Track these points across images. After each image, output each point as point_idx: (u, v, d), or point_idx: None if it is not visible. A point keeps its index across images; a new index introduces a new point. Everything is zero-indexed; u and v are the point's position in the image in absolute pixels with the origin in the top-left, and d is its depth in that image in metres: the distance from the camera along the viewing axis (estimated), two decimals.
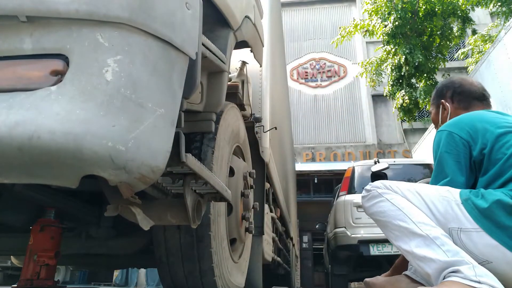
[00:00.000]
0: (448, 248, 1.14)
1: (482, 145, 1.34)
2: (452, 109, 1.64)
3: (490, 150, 1.32)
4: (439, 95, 1.72)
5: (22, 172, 0.67)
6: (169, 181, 1.06)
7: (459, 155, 1.36)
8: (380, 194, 1.34)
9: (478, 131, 1.37)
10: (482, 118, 1.43)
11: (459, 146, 1.37)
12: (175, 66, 0.82)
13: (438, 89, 1.75)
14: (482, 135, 1.35)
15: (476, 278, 1.05)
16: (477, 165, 1.35)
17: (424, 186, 1.35)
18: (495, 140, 1.32)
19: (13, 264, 3.02)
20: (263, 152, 2.48)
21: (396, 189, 1.33)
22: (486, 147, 1.32)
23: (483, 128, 1.37)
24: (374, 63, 9.54)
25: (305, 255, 12.61)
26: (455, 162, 1.36)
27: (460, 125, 1.42)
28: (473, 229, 1.19)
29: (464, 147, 1.36)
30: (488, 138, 1.33)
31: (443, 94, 1.70)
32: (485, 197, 1.21)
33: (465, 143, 1.37)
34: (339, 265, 4.98)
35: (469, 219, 1.20)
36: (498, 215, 1.16)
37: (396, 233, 1.27)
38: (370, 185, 1.41)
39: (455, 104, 1.64)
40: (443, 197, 1.27)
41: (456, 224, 1.22)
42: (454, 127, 1.42)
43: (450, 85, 1.69)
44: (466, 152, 1.36)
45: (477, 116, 1.45)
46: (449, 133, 1.41)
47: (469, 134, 1.37)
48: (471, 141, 1.36)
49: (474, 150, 1.35)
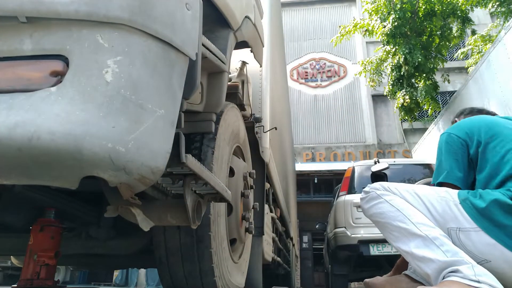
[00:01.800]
0: (447, 248, 1.14)
1: (477, 144, 1.38)
2: None
3: (484, 148, 1.36)
4: (453, 119, 1.91)
5: (22, 173, 0.67)
6: (169, 181, 1.06)
7: (457, 153, 1.42)
8: (378, 195, 1.35)
9: (474, 130, 1.42)
10: (480, 120, 1.48)
11: (456, 145, 1.43)
12: (175, 67, 0.82)
13: (455, 114, 1.94)
14: (478, 134, 1.40)
15: (475, 278, 1.06)
16: (474, 163, 1.40)
17: (422, 188, 1.36)
18: (489, 138, 1.37)
19: (13, 264, 3.02)
20: (263, 152, 2.47)
21: (394, 190, 1.34)
22: (481, 145, 1.37)
23: (479, 126, 1.43)
24: (374, 63, 9.54)
25: (305, 255, 12.61)
26: (453, 159, 1.41)
27: (459, 127, 1.49)
28: (471, 229, 1.20)
29: (461, 145, 1.42)
30: (483, 136, 1.38)
31: (456, 116, 1.88)
32: (483, 197, 1.22)
33: (463, 142, 1.42)
34: (339, 265, 4.97)
35: (468, 219, 1.21)
36: (496, 214, 1.18)
37: (396, 234, 1.27)
38: (369, 186, 1.42)
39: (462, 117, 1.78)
40: (441, 198, 1.28)
41: (455, 224, 1.23)
42: (454, 129, 1.50)
43: (463, 110, 1.89)
44: (464, 151, 1.41)
45: (476, 118, 1.52)
46: (449, 134, 1.48)
47: (466, 134, 1.43)
48: (468, 140, 1.42)
49: (470, 148, 1.40)
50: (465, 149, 1.41)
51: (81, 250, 1.86)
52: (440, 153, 1.48)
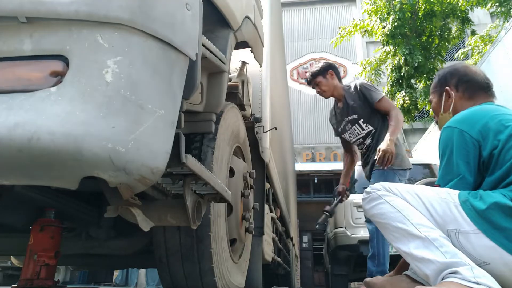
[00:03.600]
0: (446, 249, 1.14)
1: (493, 146, 1.28)
2: (457, 97, 1.57)
3: (500, 150, 1.27)
4: (442, 82, 1.62)
5: (22, 174, 0.67)
6: (169, 182, 1.06)
7: (468, 155, 1.31)
8: (379, 196, 1.34)
9: (490, 130, 1.30)
10: (494, 115, 1.35)
11: (469, 146, 1.32)
12: (175, 67, 0.82)
13: (441, 76, 1.65)
14: (494, 135, 1.29)
15: (474, 279, 1.05)
16: (486, 166, 1.30)
17: (423, 188, 1.34)
18: (506, 141, 1.27)
19: (13, 264, 3.02)
20: (263, 153, 2.47)
21: (395, 191, 1.33)
22: (497, 148, 1.27)
23: (495, 127, 1.30)
24: (373, 63, 9.54)
25: (305, 255, 12.61)
26: (464, 162, 1.31)
27: (471, 123, 1.35)
28: (471, 231, 1.19)
29: (474, 147, 1.31)
30: (500, 139, 1.28)
31: (447, 81, 1.61)
32: (483, 198, 1.20)
33: (476, 143, 1.31)
34: (339, 265, 4.97)
35: (467, 221, 1.20)
36: (495, 216, 1.16)
37: (396, 235, 1.27)
38: (370, 187, 1.41)
39: (460, 93, 1.57)
40: (442, 199, 1.27)
41: (455, 225, 1.22)
42: (465, 125, 1.35)
43: (455, 72, 1.61)
44: (476, 153, 1.31)
45: (489, 113, 1.37)
46: (460, 131, 1.34)
47: (480, 133, 1.31)
48: (482, 141, 1.30)
49: (484, 150, 1.29)
50: (477, 151, 1.30)
51: (81, 250, 1.86)
52: (450, 152, 1.35)
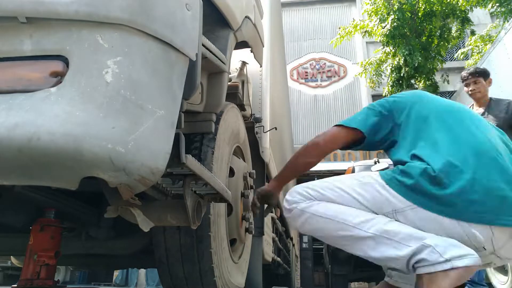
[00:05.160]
0: (400, 236, 1.09)
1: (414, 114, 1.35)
2: None
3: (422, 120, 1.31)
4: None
5: (22, 174, 0.67)
6: (169, 182, 1.06)
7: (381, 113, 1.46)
8: (302, 210, 1.23)
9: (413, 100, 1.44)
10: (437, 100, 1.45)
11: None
12: (175, 67, 0.82)
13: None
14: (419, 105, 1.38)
15: (442, 258, 1.01)
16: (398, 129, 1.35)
17: (342, 179, 1.26)
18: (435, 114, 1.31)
19: (13, 264, 3.03)
20: (263, 153, 2.47)
21: (315, 194, 1.23)
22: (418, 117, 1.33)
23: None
24: (373, 64, 9.54)
25: (305, 255, 12.59)
26: None
27: None
28: (407, 207, 1.13)
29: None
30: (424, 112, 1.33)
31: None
32: (407, 171, 1.15)
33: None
34: (339, 265, 4.96)
35: (399, 198, 1.14)
36: (425, 186, 1.11)
37: (345, 243, 1.19)
38: (287, 201, 1.29)
39: None
40: (366, 184, 1.20)
41: (389, 207, 1.15)
42: None
43: None
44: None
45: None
46: None
47: None
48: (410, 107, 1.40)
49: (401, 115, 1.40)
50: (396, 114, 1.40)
51: (81, 250, 1.85)
52: None
